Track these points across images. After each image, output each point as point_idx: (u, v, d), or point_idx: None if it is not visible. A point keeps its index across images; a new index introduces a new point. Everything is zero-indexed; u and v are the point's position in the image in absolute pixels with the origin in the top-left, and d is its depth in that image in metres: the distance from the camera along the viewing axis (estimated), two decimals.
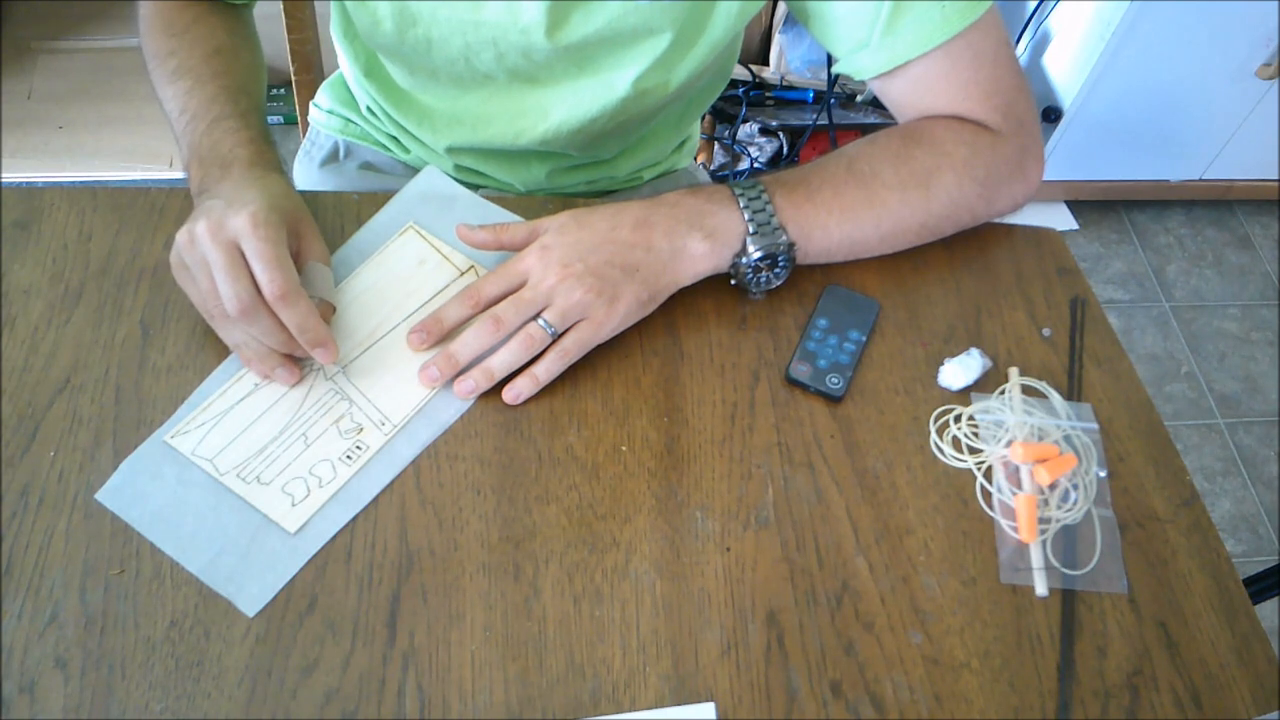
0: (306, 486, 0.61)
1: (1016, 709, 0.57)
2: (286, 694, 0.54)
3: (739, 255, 0.69)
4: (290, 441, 0.62)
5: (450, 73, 0.77)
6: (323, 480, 0.61)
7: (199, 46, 0.73)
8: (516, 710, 0.55)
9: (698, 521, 0.62)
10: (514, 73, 0.75)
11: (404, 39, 0.73)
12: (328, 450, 0.62)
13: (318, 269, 0.66)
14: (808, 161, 0.72)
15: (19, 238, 0.70)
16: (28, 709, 0.52)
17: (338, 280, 0.69)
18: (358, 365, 0.66)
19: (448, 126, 0.83)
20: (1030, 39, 1.96)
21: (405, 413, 0.64)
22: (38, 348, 0.65)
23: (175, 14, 0.75)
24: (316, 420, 0.63)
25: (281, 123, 2.11)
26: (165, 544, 0.58)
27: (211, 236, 0.60)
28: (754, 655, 0.58)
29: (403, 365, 0.66)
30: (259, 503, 0.60)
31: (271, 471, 0.61)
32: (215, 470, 0.61)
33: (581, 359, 0.67)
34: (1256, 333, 2.02)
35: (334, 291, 0.67)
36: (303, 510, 0.60)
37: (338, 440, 0.63)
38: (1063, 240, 0.81)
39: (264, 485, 0.61)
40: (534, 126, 0.80)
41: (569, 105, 0.78)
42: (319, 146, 0.98)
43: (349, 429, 0.63)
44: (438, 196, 0.75)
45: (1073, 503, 0.65)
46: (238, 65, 0.74)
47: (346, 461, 0.62)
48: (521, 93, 0.78)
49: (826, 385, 0.68)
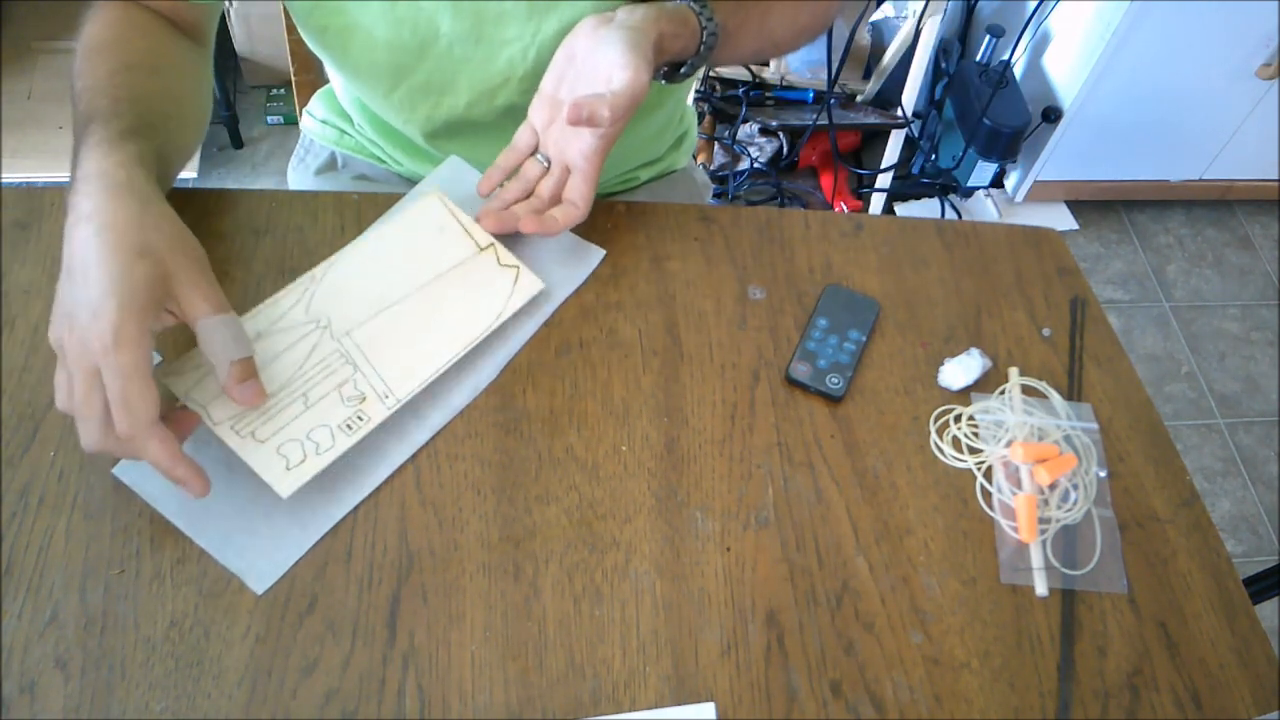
0: (303, 451, 0.59)
1: (1016, 709, 0.57)
2: (286, 694, 0.54)
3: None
4: (290, 401, 0.61)
5: (388, 44, 0.75)
6: (320, 447, 0.59)
7: (106, 64, 0.65)
8: (516, 710, 0.55)
9: (698, 521, 0.62)
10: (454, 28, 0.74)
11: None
12: (328, 415, 0.61)
13: (213, 326, 0.56)
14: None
15: (19, 238, 0.70)
16: (28, 709, 0.52)
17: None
18: (366, 331, 0.65)
19: (411, 101, 0.80)
20: (1030, 39, 1.96)
21: (410, 388, 0.63)
22: (38, 348, 0.65)
23: (105, 32, 0.67)
24: (319, 382, 0.62)
25: (281, 123, 2.11)
26: (177, 519, 0.58)
27: (75, 360, 0.53)
28: (754, 655, 0.58)
29: (411, 337, 0.65)
30: (253, 460, 0.58)
31: (268, 430, 0.59)
32: (209, 418, 0.58)
33: (581, 359, 0.67)
34: (1256, 333, 2.02)
35: (244, 343, 0.58)
36: (296, 476, 0.58)
37: (339, 406, 0.61)
38: (1063, 240, 0.81)
39: (259, 443, 0.58)
40: (501, 68, 0.76)
41: (529, 31, 0.74)
42: (314, 154, 0.98)
43: (351, 396, 0.62)
44: (462, 182, 0.75)
45: (1073, 503, 0.65)
46: (142, 85, 0.65)
47: (346, 431, 0.60)
48: (471, 47, 0.75)
49: (826, 385, 0.68)
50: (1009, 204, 2.15)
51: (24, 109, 1.94)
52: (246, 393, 0.58)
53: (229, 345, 0.57)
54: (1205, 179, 2.12)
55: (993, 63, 1.94)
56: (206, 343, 0.56)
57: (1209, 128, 1.99)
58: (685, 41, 0.71)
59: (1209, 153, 2.05)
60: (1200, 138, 2.02)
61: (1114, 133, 1.96)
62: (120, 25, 0.67)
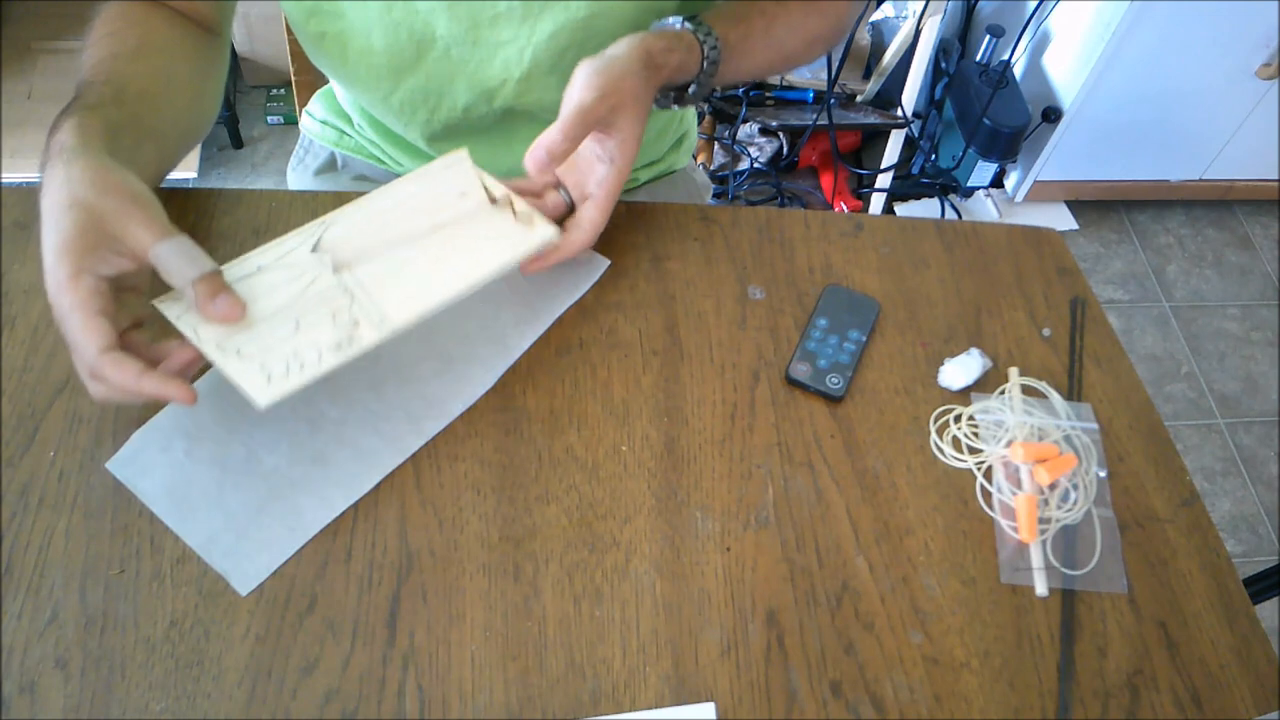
0: (286, 366, 0.57)
1: (1016, 709, 0.57)
2: (286, 694, 0.54)
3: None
4: (280, 324, 0.59)
5: (385, 48, 0.75)
6: (305, 364, 0.57)
7: (96, 55, 0.67)
8: (516, 710, 0.55)
9: (698, 521, 0.62)
10: (451, 30, 0.74)
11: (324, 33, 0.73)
12: (317, 337, 0.58)
13: (164, 253, 0.56)
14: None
15: (19, 238, 0.70)
16: (28, 709, 0.52)
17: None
18: (370, 269, 0.63)
19: (411, 104, 0.80)
20: (1030, 39, 1.96)
21: (406, 318, 0.60)
22: (38, 348, 0.65)
23: (103, 28, 0.69)
24: (314, 310, 0.60)
25: (281, 123, 2.11)
26: (168, 517, 0.58)
27: (55, 314, 0.56)
28: (754, 655, 0.58)
29: (415, 274, 0.63)
30: (233, 373, 0.56)
31: (254, 347, 0.57)
32: (195, 336, 0.57)
33: (581, 358, 0.67)
34: (1256, 333, 2.02)
35: (202, 261, 0.57)
36: (277, 388, 0.56)
37: (330, 329, 0.59)
38: (1063, 240, 0.81)
39: (242, 358, 0.57)
40: (497, 70, 0.77)
41: (525, 33, 0.74)
42: (314, 155, 0.98)
43: (345, 322, 0.60)
44: None
45: (1073, 503, 0.65)
46: (122, 69, 0.66)
47: (334, 350, 0.58)
48: (468, 49, 0.76)
49: (826, 385, 0.68)
50: (1009, 204, 2.15)
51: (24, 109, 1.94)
52: (220, 307, 0.57)
53: (185, 266, 0.56)
54: (1205, 179, 2.12)
55: (993, 63, 1.94)
56: (165, 271, 0.56)
57: (1209, 128, 1.99)
58: (682, 57, 0.71)
59: (1209, 153, 2.05)
60: (1200, 138, 2.02)
61: (1114, 133, 1.96)
62: (118, 20, 0.68)
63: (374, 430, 0.63)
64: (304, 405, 0.64)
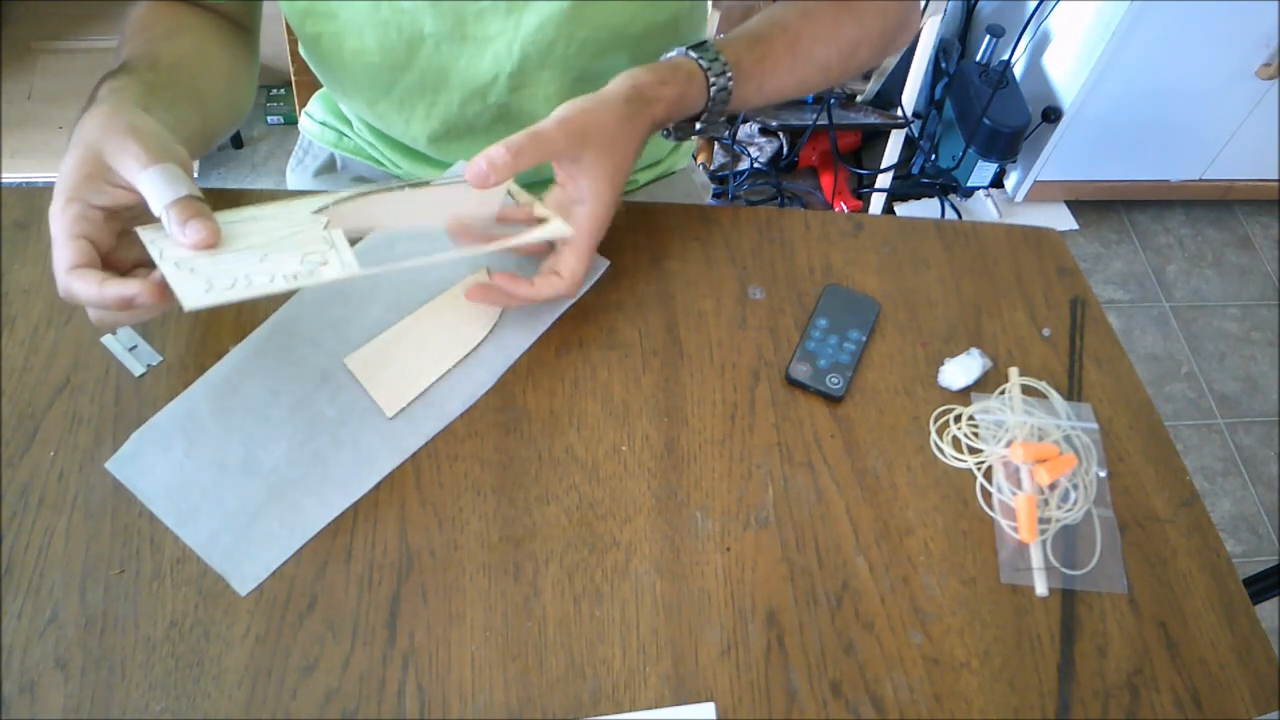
0: (234, 281, 0.55)
1: (1016, 709, 0.57)
2: (286, 694, 0.54)
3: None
4: (248, 256, 0.57)
5: (378, 47, 0.75)
6: (254, 283, 0.55)
7: (130, 45, 0.69)
8: (516, 710, 0.55)
9: (698, 521, 0.62)
10: (438, 28, 0.74)
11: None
12: (278, 267, 0.57)
13: (147, 178, 0.55)
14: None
15: (19, 238, 0.70)
16: (28, 709, 0.52)
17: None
18: (365, 238, 0.62)
19: (409, 102, 0.81)
20: (1030, 39, 1.96)
21: (374, 270, 0.59)
22: (38, 347, 0.65)
23: (152, 18, 0.72)
24: (288, 249, 0.58)
25: (281, 123, 2.11)
26: (167, 517, 0.59)
27: None
28: (754, 655, 0.58)
29: (406, 244, 0.61)
30: (173, 280, 0.54)
31: (211, 270, 0.55)
32: (159, 255, 0.55)
33: (581, 358, 0.67)
34: (1256, 333, 2.02)
35: (182, 186, 0.56)
36: (212, 296, 0.54)
37: (295, 264, 0.57)
38: (1063, 240, 0.81)
39: (191, 273, 0.55)
40: (488, 65, 0.76)
41: (511, 27, 0.74)
42: (313, 156, 0.98)
43: (314, 260, 0.58)
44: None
45: (1073, 503, 0.65)
46: (152, 44, 0.69)
47: (290, 279, 0.56)
48: (457, 45, 0.76)
49: (826, 385, 0.68)
50: (1009, 204, 2.15)
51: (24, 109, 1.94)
52: (192, 230, 0.55)
53: (164, 190, 0.55)
54: (1205, 179, 2.12)
55: (993, 63, 1.94)
56: (148, 197, 0.56)
57: (1209, 128, 1.99)
58: (681, 88, 0.68)
59: (1209, 153, 2.05)
60: (1200, 138, 2.02)
61: (1114, 132, 1.96)
62: (148, 16, 0.72)
63: (374, 430, 0.63)
64: (304, 405, 0.64)
